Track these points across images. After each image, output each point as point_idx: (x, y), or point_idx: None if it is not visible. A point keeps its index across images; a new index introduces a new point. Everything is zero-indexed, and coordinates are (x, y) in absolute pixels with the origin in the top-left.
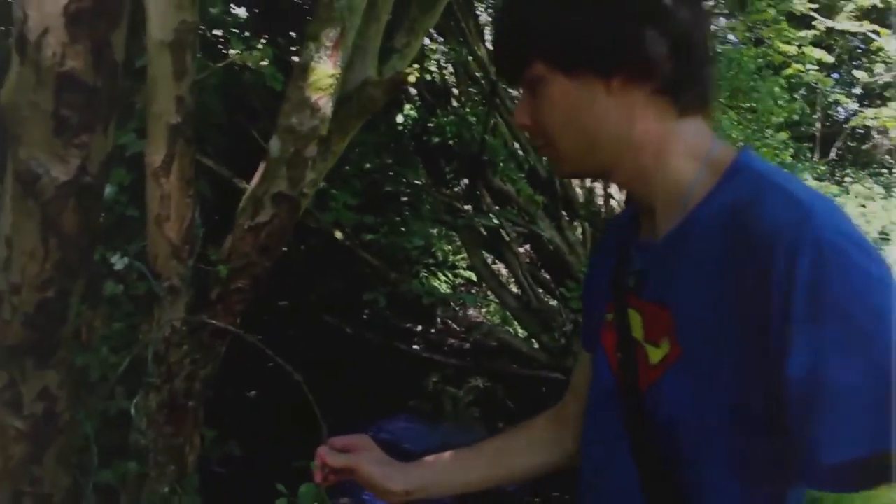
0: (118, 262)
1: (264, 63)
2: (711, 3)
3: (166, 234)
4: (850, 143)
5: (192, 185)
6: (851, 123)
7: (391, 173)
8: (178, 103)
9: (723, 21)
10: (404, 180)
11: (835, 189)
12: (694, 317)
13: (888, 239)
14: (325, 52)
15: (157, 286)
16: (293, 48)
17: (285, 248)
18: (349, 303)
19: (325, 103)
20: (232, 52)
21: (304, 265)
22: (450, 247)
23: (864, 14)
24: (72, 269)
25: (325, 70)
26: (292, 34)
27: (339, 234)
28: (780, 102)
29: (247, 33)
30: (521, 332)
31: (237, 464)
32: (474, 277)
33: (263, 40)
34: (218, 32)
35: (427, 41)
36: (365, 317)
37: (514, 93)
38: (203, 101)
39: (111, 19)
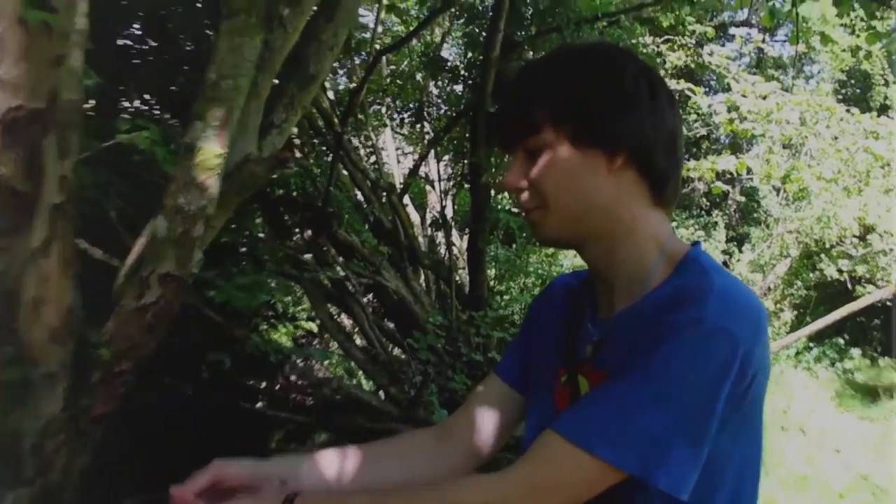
0: None
1: (153, 143)
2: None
3: (44, 317)
4: None
5: (73, 267)
6: None
7: (231, 226)
8: (62, 182)
9: None
10: (245, 233)
11: None
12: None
13: None
14: (213, 131)
15: (32, 373)
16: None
17: None
18: (189, 362)
19: (213, 183)
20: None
21: None
22: (289, 298)
23: (679, 73)
24: None
25: (212, 149)
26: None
27: None
28: None
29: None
30: (368, 385)
31: None
32: (316, 329)
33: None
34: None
35: None
36: (205, 375)
37: (357, 143)
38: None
39: (45, 126)
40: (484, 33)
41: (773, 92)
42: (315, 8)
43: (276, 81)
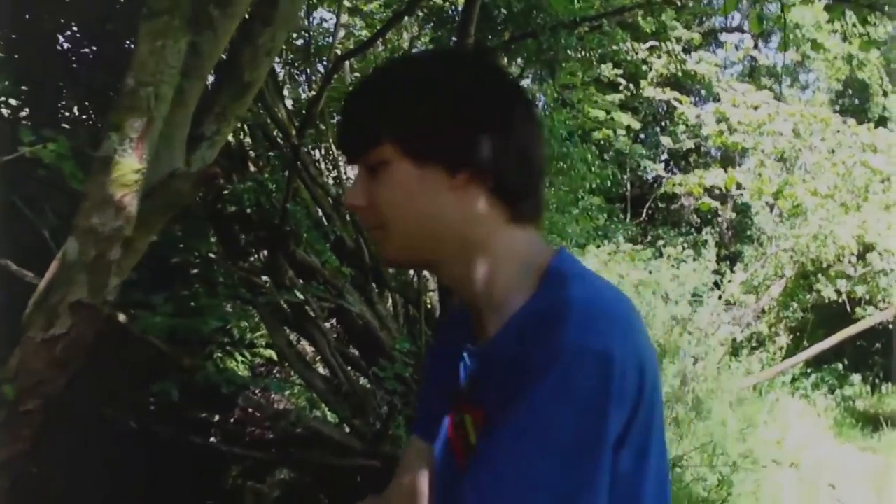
0: None
1: (60, 157)
2: (521, 67)
3: None
4: (659, 204)
5: None
6: (661, 190)
7: (180, 245)
8: None
9: (528, 82)
10: (196, 253)
11: (648, 254)
12: (493, 418)
13: (701, 301)
14: (130, 143)
15: None
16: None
17: None
18: (133, 392)
19: (131, 201)
20: (22, 147)
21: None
22: (246, 323)
23: (665, 81)
24: None
25: (130, 164)
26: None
27: (121, 316)
28: (592, 168)
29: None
30: (331, 417)
31: None
32: (275, 356)
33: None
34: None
35: None
36: (152, 407)
37: (317, 156)
38: None
39: None
40: (453, 38)
41: (765, 102)
42: (249, 9)
43: (207, 89)
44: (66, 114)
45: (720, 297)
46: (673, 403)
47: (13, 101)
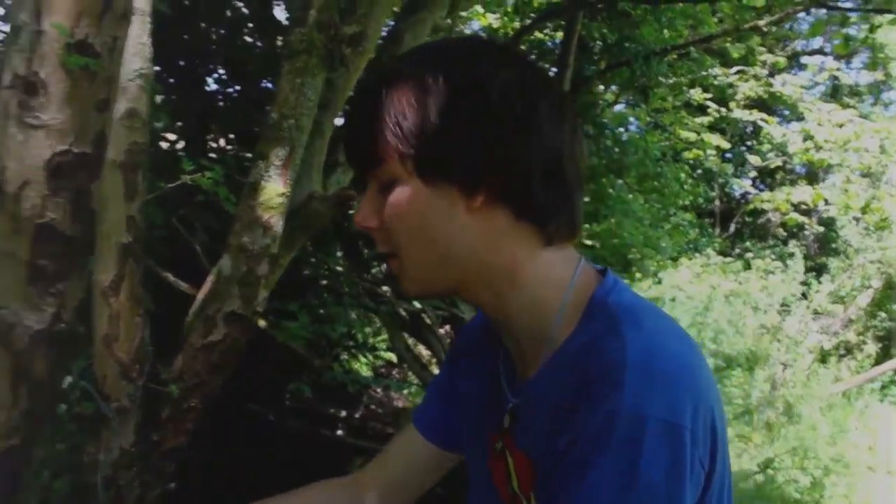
0: (62, 380)
1: (216, 184)
2: (615, 94)
3: (115, 353)
4: (746, 219)
5: (142, 305)
6: (751, 206)
7: (311, 259)
8: (129, 223)
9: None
10: (326, 266)
11: (738, 266)
12: (546, 473)
13: (789, 311)
14: (275, 170)
15: (105, 407)
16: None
17: None
18: (272, 389)
19: (276, 221)
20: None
21: None
22: (368, 329)
23: (752, 103)
24: (40, 416)
25: (275, 188)
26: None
27: (262, 323)
28: (685, 186)
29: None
30: None
31: None
32: (394, 359)
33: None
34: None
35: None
36: (287, 403)
37: None
38: (147, 213)
39: (92, 170)
40: (553, 69)
41: (849, 120)
42: (380, 42)
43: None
44: (213, 145)
45: (808, 307)
46: (764, 408)
47: (171, 136)
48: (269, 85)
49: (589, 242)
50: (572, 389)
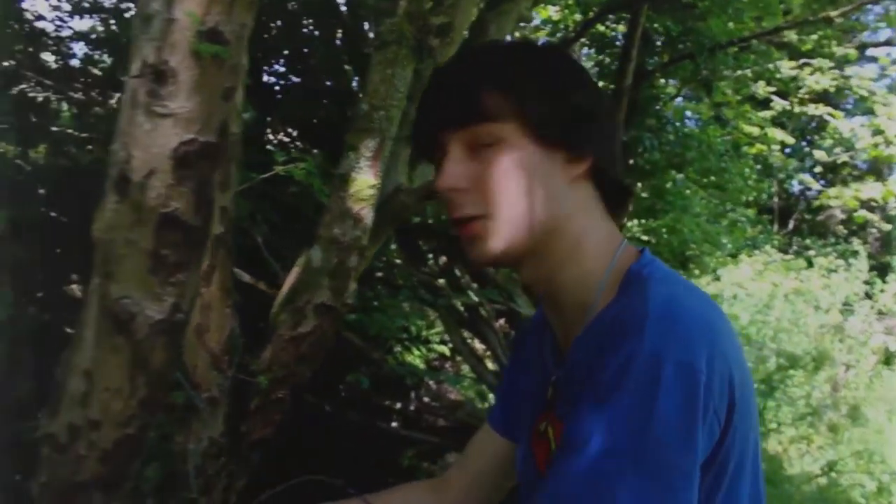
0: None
1: (309, 175)
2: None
3: (206, 344)
4: (805, 216)
5: (232, 296)
6: (817, 203)
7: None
8: (222, 214)
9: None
10: (383, 259)
11: (801, 263)
12: (569, 429)
13: (852, 310)
14: (366, 161)
15: (195, 397)
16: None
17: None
18: (328, 381)
19: (367, 213)
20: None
21: None
22: (423, 322)
23: (817, 97)
24: (156, 405)
25: (366, 180)
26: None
27: None
28: (749, 182)
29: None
30: None
31: None
32: (447, 352)
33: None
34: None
35: None
36: (343, 395)
37: None
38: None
39: (214, 160)
40: (616, 62)
41: None
42: (466, 34)
43: None
44: (271, 138)
45: (872, 307)
46: (824, 409)
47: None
48: (329, 81)
49: (645, 238)
50: (604, 350)
